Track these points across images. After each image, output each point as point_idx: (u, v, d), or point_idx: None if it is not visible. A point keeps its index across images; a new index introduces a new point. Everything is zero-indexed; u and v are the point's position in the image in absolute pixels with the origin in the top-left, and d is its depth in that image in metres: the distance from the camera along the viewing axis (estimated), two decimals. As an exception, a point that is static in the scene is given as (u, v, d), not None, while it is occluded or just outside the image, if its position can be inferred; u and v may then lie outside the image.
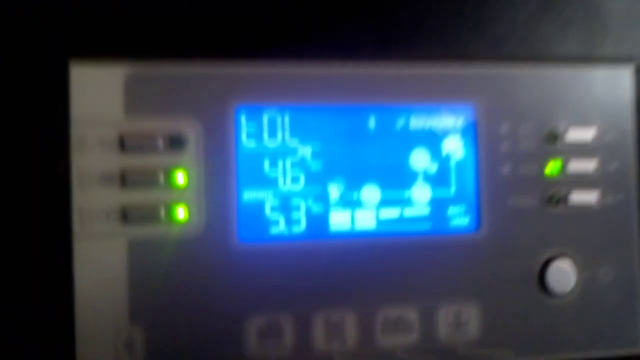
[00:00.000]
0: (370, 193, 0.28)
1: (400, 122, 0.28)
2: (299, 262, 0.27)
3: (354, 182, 0.28)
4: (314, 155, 0.27)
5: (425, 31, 0.28)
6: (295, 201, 0.27)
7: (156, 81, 0.26)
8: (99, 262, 0.25)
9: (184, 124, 0.26)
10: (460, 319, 0.28)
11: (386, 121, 0.28)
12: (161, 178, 0.26)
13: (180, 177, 0.26)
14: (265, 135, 0.27)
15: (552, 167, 0.28)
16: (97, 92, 0.25)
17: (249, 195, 0.27)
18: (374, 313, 0.27)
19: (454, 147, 0.28)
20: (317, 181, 0.27)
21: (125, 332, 0.25)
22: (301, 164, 0.27)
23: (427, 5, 0.28)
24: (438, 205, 0.28)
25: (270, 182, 0.27)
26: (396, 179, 0.28)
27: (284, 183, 0.27)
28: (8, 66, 0.25)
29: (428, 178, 0.28)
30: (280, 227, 0.27)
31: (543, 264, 0.28)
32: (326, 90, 0.27)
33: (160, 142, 0.26)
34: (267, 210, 0.27)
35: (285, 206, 0.27)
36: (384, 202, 0.28)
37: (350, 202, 0.28)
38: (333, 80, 0.27)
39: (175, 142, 0.26)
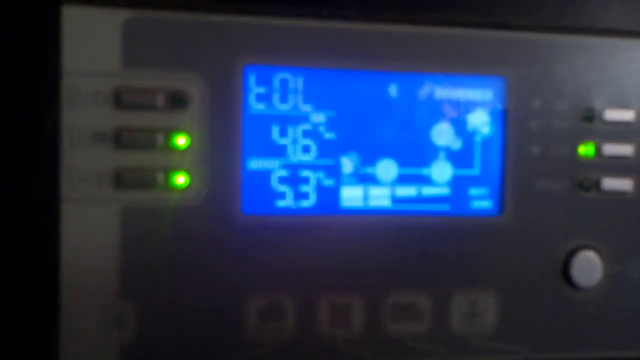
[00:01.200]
0: (387, 168, 0.26)
1: (423, 92, 0.26)
2: (305, 239, 0.25)
3: (369, 156, 0.25)
4: (328, 123, 0.25)
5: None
6: (305, 173, 0.25)
7: (158, 29, 0.23)
8: (89, 230, 0.23)
9: (187, 81, 0.24)
10: (476, 309, 0.26)
11: (408, 90, 0.25)
12: (160, 140, 0.23)
13: (180, 140, 0.24)
14: (276, 99, 0.25)
15: (585, 149, 0.26)
16: (91, 39, 0.23)
17: (255, 163, 0.25)
18: (383, 298, 0.25)
19: (481, 122, 0.26)
20: (329, 152, 0.25)
21: (115, 308, 0.23)
22: (313, 132, 0.25)
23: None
24: (459, 185, 0.26)
25: (278, 151, 0.25)
26: (415, 155, 0.26)
27: (294, 152, 0.25)
28: (3, 10, 0.22)
29: (450, 155, 0.26)
30: (287, 200, 0.25)
31: (568, 254, 0.26)
32: (345, 53, 0.25)
33: (161, 100, 0.23)
34: (274, 181, 0.25)
35: (294, 178, 0.25)
36: (401, 179, 0.26)
37: (364, 177, 0.26)
38: (353, 42, 0.25)
39: (177, 101, 0.23)
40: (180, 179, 0.24)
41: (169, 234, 0.24)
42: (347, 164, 0.25)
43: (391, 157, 0.25)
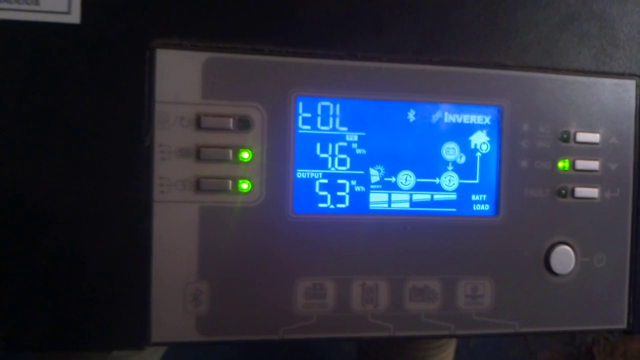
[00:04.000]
0: (406, 178, 0.32)
1: (435, 117, 0.32)
2: (341, 233, 0.31)
3: (392, 168, 0.32)
4: (359, 142, 0.32)
5: (462, 38, 0.32)
6: (341, 181, 0.31)
7: (230, 69, 0.30)
8: (174, 224, 0.29)
9: (251, 109, 0.30)
10: (477, 291, 0.32)
11: (423, 115, 0.32)
12: (230, 154, 0.30)
13: (245, 155, 0.30)
14: (319, 122, 0.31)
15: (562, 164, 0.33)
16: (178, 76, 0.29)
17: (302, 173, 0.31)
18: (403, 281, 0.32)
19: (480, 142, 0.33)
20: (360, 165, 0.32)
21: (194, 285, 0.30)
22: (348, 149, 0.31)
23: (465, 15, 0.32)
24: (463, 192, 0.32)
25: (320, 163, 0.31)
26: (428, 167, 0.32)
27: (332, 165, 0.31)
28: (105, 52, 0.28)
29: (456, 168, 0.32)
30: (327, 203, 0.31)
31: (549, 248, 0.33)
32: (373, 86, 0.31)
33: (231, 123, 0.30)
34: (317, 188, 0.31)
35: (332, 185, 0.31)
36: (417, 187, 0.32)
37: (388, 185, 0.32)
38: (380, 77, 0.31)
39: (244, 124, 0.30)
40: (245, 185, 0.30)
41: (236, 227, 0.30)
42: (375, 174, 0.32)
43: (409, 169, 0.32)
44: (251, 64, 0.30)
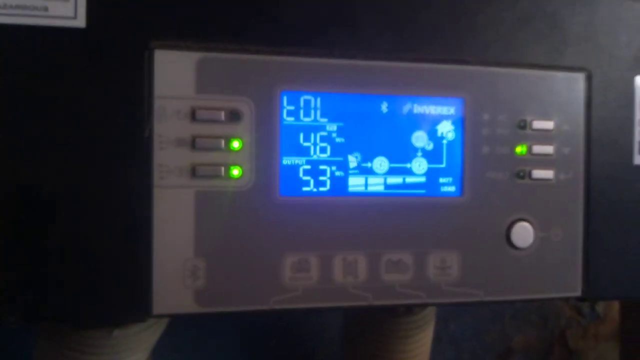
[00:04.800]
0: (380, 163, 0.36)
1: (405, 109, 0.36)
2: (324, 214, 0.35)
3: (368, 154, 0.36)
4: (338, 131, 0.35)
5: (428, 37, 0.36)
6: (322, 167, 0.35)
7: (221, 67, 0.33)
8: (173, 207, 0.33)
9: (240, 102, 0.33)
10: (445, 264, 0.36)
11: (394, 107, 0.36)
12: (222, 144, 0.33)
13: (236, 144, 0.33)
14: (302, 114, 0.35)
15: (520, 149, 0.37)
16: (175, 73, 0.33)
17: (287, 160, 0.34)
18: (379, 256, 0.35)
19: (446, 130, 0.36)
20: (339, 152, 0.35)
21: (191, 262, 0.33)
22: (328, 138, 0.35)
23: (430, 17, 0.35)
24: (432, 175, 0.36)
25: (304, 151, 0.35)
26: (400, 153, 0.36)
27: (314, 152, 0.35)
28: (108, 52, 0.32)
29: (425, 154, 0.36)
30: (310, 186, 0.35)
31: (510, 224, 0.37)
32: (350, 81, 0.35)
33: (222, 116, 0.33)
34: (301, 173, 0.35)
35: (315, 170, 0.35)
36: (391, 171, 0.36)
37: (364, 170, 0.36)
38: (355, 73, 0.35)
39: (234, 116, 0.33)
40: (236, 172, 0.33)
41: (229, 210, 0.33)
42: (353, 160, 0.35)
43: (384, 155, 0.36)
44: (240, 62, 0.33)
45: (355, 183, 0.35)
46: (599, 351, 0.79)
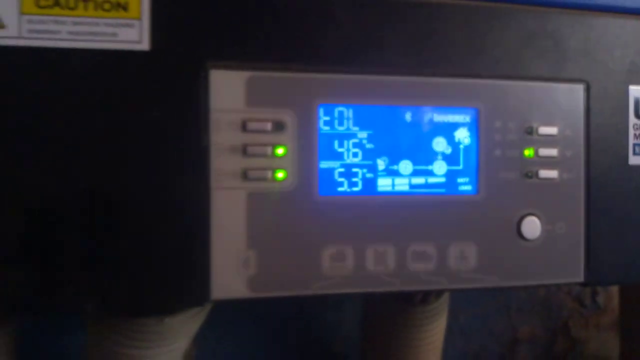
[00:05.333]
0: (405, 166, 0.41)
1: (426, 118, 0.41)
2: (357, 211, 0.39)
3: (394, 158, 0.40)
4: (368, 138, 0.40)
5: (445, 55, 0.40)
6: (355, 169, 0.40)
7: (267, 83, 0.38)
8: (228, 206, 0.37)
9: (284, 114, 0.38)
10: (463, 254, 0.41)
11: (417, 116, 0.41)
12: (269, 151, 0.38)
13: (280, 150, 0.38)
14: (336, 124, 0.40)
15: (528, 152, 0.42)
16: (228, 90, 0.37)
17: (324, 164, 0.39)
18: (406, 247, 0.40)
19: (463, 136, 0.41)
20: (369, 156, 0.40)
21: (244, 253, 0.38)
22: (359, 144, 0.40)
23: (447, 37, 0.40)
24: (451, 176, 0.41)
25: (338, 156, 0.40)
26: (423, 157, 0.41)
27: (348, 157, 0.40)
28: (169, 72, 0.37)
29: (444, 157, 0.41)
30: (344, 187, 0.40)
31: (520, 218, 0.42)
32: (378, 94, 0.40)
33: (269, 126, 0.38)
34: (336, 175, 0.40)
35: (348, 173, 0.40)
36: (414, 172, 0.41)
37: (391, 172, 0.40)
38: (383, 87, 0.40)
39: (279, 127, 0.38)
40: (280, 174, 0.38)
41: (275, 208, 0.38)
42: (381, 164, 0.40)
43: (408, 158, 0.41)
44: (284, 80, 0.38)
45: (384, 184, 0.40)
46: (600, 340, 0.84)
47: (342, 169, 0.40)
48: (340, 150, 0.40)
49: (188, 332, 0.49)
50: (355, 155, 0.40)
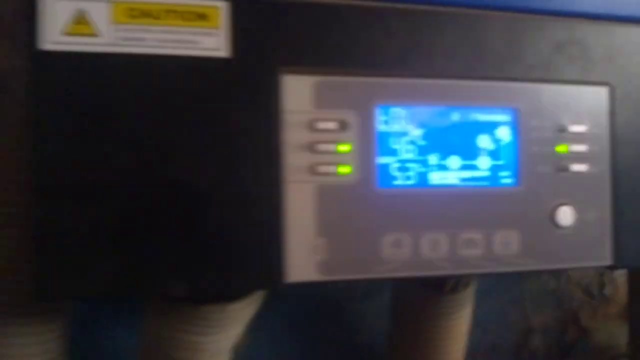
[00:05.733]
0: (454, 161, 0.45)
1: (472, 117, 0.45)
2: (411, 202, 0.43)
3: (444, 154, 0.45)
4: (421, 136, 0.44)
5: (488, 61, 0.45)
6: (409, 164, 0.44)
7: (332, 87, 0.42)
8: (299, 198, 0.41)
9: (347, 114, 0.42)
10: (507, 240, 0.45)
11: (464, 116, 0.45)
12: (334, 148, 0.42)
13: (344, 147, 0.42)
14: (392, 122, 0.44)
15: (561, 148, 0.46)
16: (297, 93, 0.41)
17: (382, 159, 0.43)
18: (456, 235, 0.44)
19: (504, 134, 0.46)
20: (422, 152, 0.44)
21: (314, 241, 0.41)
22: (412, 141, 0.44)
23: (489, 46, 0.45)
24: (494, 170, 0.45)
25: (394, 152, 0.44)
26: (469, 153, 0.45)
27: (402, 153, 0.44)
28: (246, 77, 0.40)
29: (488, 153, 0.45)
30: (400, 180, 0.44)
31: (555, 208, 0.46)
32: (429, 96, 0.44)
33: (334, 125, 0.42)
34: (393, 170, 0.44)
35: (403, 167, 0.44)
36: (462, 167, 0.45)
37: (441, 166, 0.45)
38: (433, 90, 0.44)
39: (343, 126, 0.42)
40: (344, 169, 0.42)
41: (340, 200, 0.42)
42: (432, 159, 0.44)
43: (456, 154, 0.45)
44: (347, 83, 0.42)
45: (435, 177, 0.44)
46: (608, 329, 0.89)
47: (397, 164, 0.44)
48: (395, 147, 0.44)
49: (245, 318, 0.53)
50: (408, 151, 0.44)
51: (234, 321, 0.51)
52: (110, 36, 0.39)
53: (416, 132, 0.44)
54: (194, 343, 0.50)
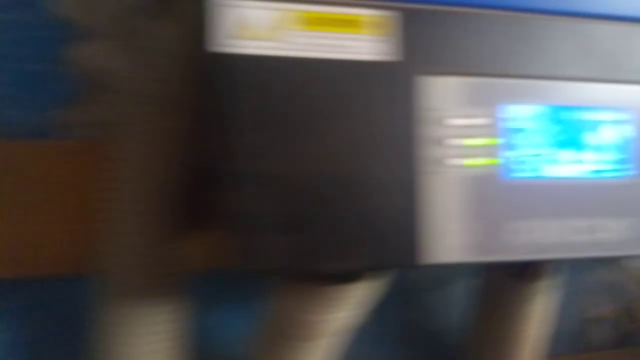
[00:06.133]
0: (568, 155, 0.49)
1: (587, 115, 0.49)
2: (532, 191, 0.48)
3: (558, 148, 0.49)
4: (539, 132, 0.48)
5: (604, 64, 0.49)
6: (529, 158, 0.48)
7: (466, 87, 0.46)
8: (436, 188, 0.46)
9: (476, 112, 0.47)
10: (621, 227, 0.49)
11: (580, 114, 0.49)
12: (467, 142, 0.46)
13: (476, 142, 0.47)
14: (517, 120, 0.48)
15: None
16: (435, 93, 0.46)
17: (506, 153, 0.48)
18: (573, 221, 0.49)
19: (624, 130, 0.50)
20: (541, 147, 0.49)
21: (451, 225, 0.46)
22: (532, 137, 0.48)
23: (604, 50, 0.49)
24: (611, 162, 0.50)
25: (516, 147, 0.48)
26: (582, 147, 0.49)
27: (523, 147, 0.48)
28: (389, 77, 0.45)
29: (609, 147, 0.50)
30: (521, 172, 0.48)
31: (660, 197, 0.51)
32: (547, 96, 0.48)
33: (467, 122, 0.46)
34: (514, 163, 0.48)
35: (524, 160, 0.48)
36: (575, 160, 0.49)
37: (555, 160, 0.49)
38: (551, 91, 0.48)
39: (474, 122, 0.46)
40: (476, 162, 0.46)
41: (473, 189, 0.46)
42: (554, 153, 0.49)
43: (571, 148, 0.49)
44: (478, 84, 0.47)
45: (550, 169, 0.49)
46: (660, 320, 0.93)
47: (521, 158, 0.48)
48: (517, 142, 0.48)
49: (361, 299, 0.57)
50: (529, 146, 0.48)
51: (353, 302, 0.55)
52: (286, 42, 0.43)
53: (535, 129, 0.48)
54: (311, 322, 0.54)
